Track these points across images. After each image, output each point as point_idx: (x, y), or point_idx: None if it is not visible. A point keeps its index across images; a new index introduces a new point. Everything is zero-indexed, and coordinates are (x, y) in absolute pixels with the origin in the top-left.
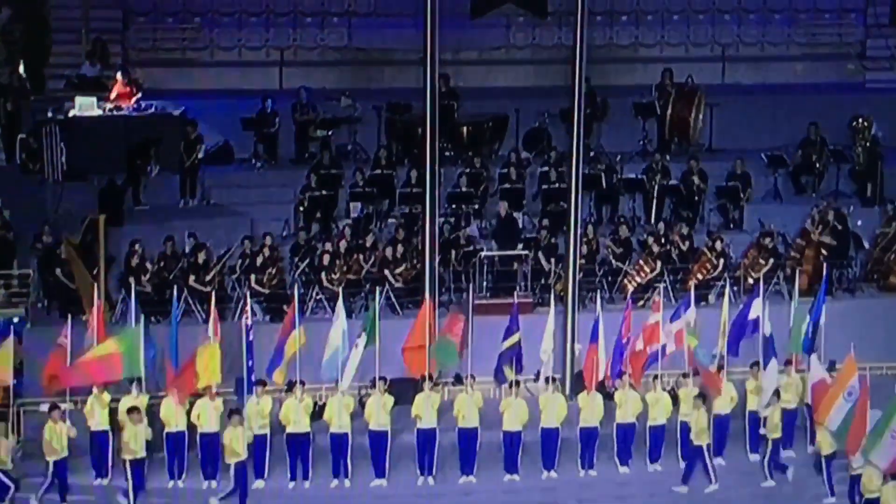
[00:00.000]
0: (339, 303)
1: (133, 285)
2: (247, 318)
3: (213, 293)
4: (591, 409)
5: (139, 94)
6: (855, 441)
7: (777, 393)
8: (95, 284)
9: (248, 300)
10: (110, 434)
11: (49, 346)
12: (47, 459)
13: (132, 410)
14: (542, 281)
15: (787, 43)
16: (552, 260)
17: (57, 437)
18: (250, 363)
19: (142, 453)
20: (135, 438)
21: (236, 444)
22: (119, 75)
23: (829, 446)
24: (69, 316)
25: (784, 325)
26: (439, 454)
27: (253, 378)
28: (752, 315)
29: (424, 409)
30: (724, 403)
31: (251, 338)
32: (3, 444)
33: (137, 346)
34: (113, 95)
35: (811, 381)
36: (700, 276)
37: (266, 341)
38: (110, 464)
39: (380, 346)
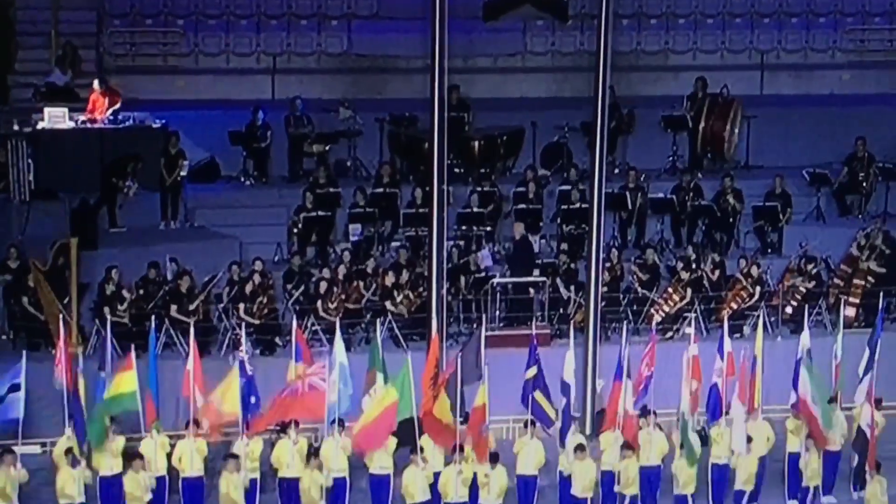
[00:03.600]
0: (338, 336)
1: (108, 315)
2: (241, 351)
3: (197, 324)
4: (613, 450)
5: (107, 112)
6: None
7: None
8: (62, 315)
9: (244, 331)
10: None
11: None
12: None
13: (133, 457)
14: (561, 310)
15: (833, 49)
16: (572, 287)
17: (71, 482)
18: (252, 400)
19: (147, 497)
20: (138, 487)
21: (234, 493)
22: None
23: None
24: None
25: (826, 359)
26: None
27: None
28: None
29: (430, 451)
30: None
31: (249, 372)
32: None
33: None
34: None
35: (864, 420)
36: (734, 306)
37: (258, 377)
38: None
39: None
